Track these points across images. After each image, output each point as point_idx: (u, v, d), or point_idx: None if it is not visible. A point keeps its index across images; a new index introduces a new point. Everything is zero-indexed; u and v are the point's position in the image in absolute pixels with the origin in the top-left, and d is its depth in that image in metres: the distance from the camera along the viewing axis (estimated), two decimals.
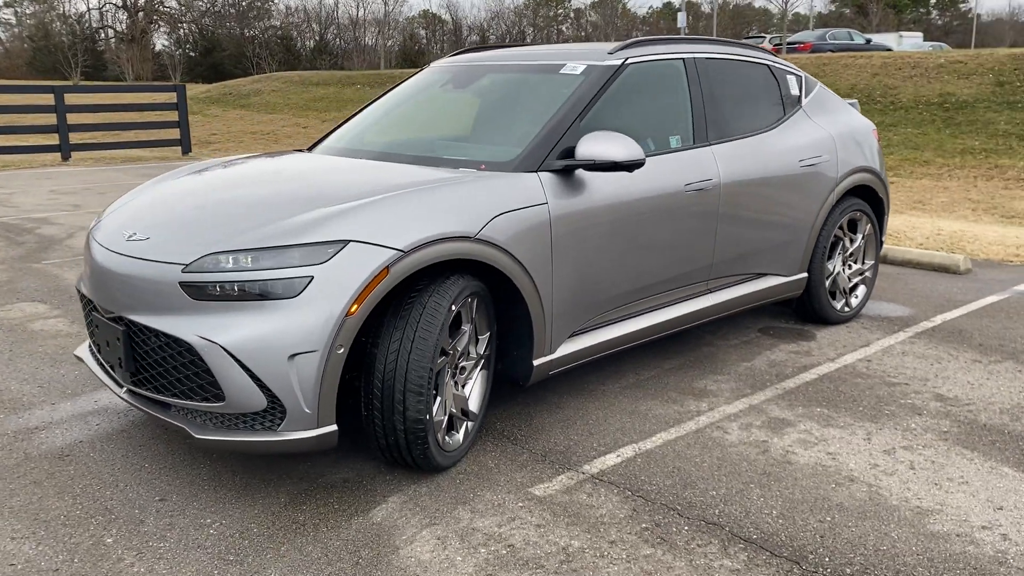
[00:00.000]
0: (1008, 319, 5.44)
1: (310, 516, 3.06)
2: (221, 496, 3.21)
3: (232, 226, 3.23)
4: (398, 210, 3.20)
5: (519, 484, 3.28)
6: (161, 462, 3.49)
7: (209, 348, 2.97)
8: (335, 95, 28.52)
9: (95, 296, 3.44)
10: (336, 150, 4.37)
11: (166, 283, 3.10)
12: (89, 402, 4.12)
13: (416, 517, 3.04)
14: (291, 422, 3.00)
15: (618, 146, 3.56)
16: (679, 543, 2.86)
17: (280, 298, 2.96)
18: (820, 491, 3.21)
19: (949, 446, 3.59)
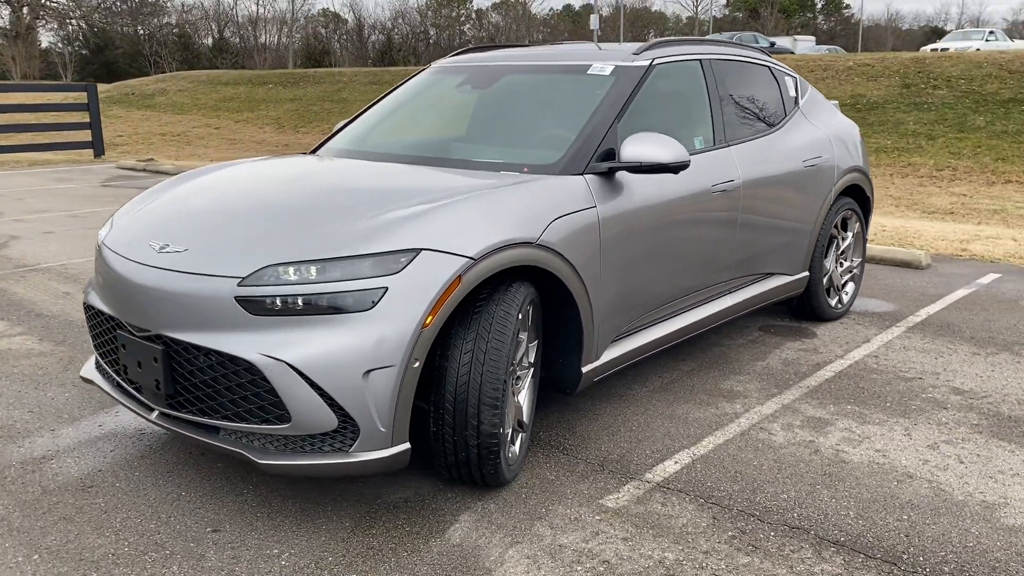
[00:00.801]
0: (985, 312, 5.65)
1: (384, 540, 2.90)
2: (279, 523, 3.02)
3: (285, 235, 3.04)
4: (464, 216, 3.07)
5: (587, 496, 3.19)
6: (198, 489, 3.26)
7: (274, 367, 2.78)
8: (247, 95, 27.69)
9: (122, 313, 3.18)
10: (358, 153, 4.18)
11: (218, 298, 2.89)
12: (92, 427, 3.82)
13: (496, 536, 2.92)
14: (364, 442, 2.83)
15: (664, 148, 3.51)
16: (772, 550, 2.83)
17: (352, 311, 2.79)
18: (885, 489, 3.24)
19: (986, 439, 3.68)
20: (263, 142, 21.74)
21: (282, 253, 2.92)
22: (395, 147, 4.18)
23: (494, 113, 4.19)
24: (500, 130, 4.07)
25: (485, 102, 4.26)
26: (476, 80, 4.34)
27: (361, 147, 4.28)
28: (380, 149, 4.17)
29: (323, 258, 2.86)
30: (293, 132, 22.93)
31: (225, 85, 29.55)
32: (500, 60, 4.44)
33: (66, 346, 4.93)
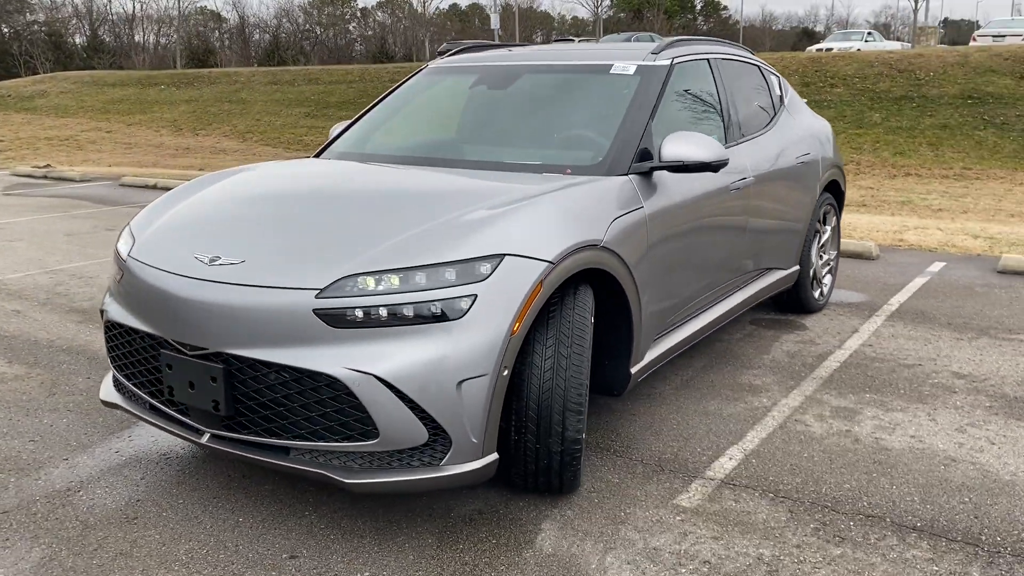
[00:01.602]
0: (950, 299, 5.95)
1: (475, 554, 2.82)
2: (358, 544, 2.88)
3: (356, 244, 2.90)
4: (539, 220, 3.01)
5: (659, 497, 3.18)
6: (254, 513, 3.08)
7: (362, 381, 2.65)
8: (137, 97, 26.48)
9: (167, 331, 2.97)
10: (383, 157, 4.05)
11: (294, 312, 2.74)
12: (109, 454, 3.56)
13: (587, 543, 2.88)
14: (456, 454, 2.74)
15: (703, 147, 3.54)
16: (858, 539, 2.89)
17: (442, 320, 2.69)
18: (935, 474, 3.35)
19: (1004, 420, 3.87)
20: (161, 146, 20.85)
21: (359, 262, 2.79)
22: (423, 150, 4.07)
23: (519, 114, 4.12)
24: (530, 131, 4.00)
25: (507, 103, 4.18)
26: (492, 80, 4.27)
27: (384, 151, 4.15)
28: (407, 153, 4.05)
29: (406, 266, 2.75)
30: (192, 135, 22.08)
31: (112, 86, 28.17)
32: (513, 60, 4.38)
33: (41, 368, 4.59)
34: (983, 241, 8.21)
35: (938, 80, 17.98)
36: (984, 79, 17.61)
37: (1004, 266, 6.82)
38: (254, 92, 24.78)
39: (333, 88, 23.85)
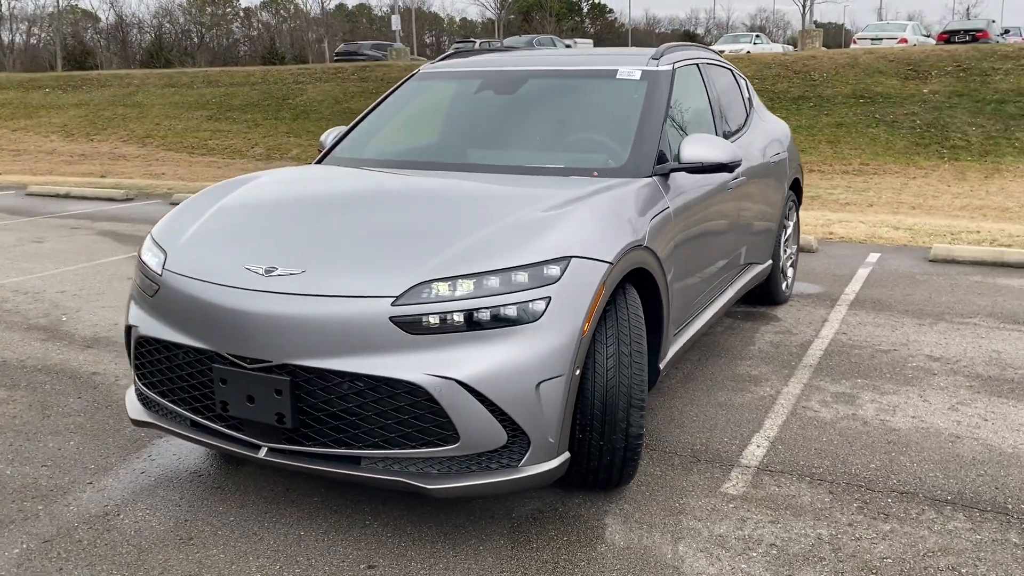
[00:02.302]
0: (897, 287, 6.33)
1: (552, 553, 2.87)
2: (431, 550, 2.89)
3: (419, 250, 2.91)
4: (596, 222, 3.09)
5: (706, 487, 3.31)
6: (315, 525, 3.05)
7: (444, 386, 2.67)
8: (20, 100, 25.07)
9: (222, 345, 2.90)
10: (400, 163, 4.04)
11: (370, 320, 2.73)
12: (134, 475, 3.44)
13: (655, 535, 2.97)
14: (534, 455, 2.79)
15: (720, 148, 3.69)
16: (901, 515, 3.09)
17: (519, 323, 2.74)
18: (946, 450, 3.60)
19: (987, 397, 4.17)
20: (54, 152, 19.87)
21: (430, 268, 2.80)
22: (440, 155, 4.08)
23: (532, 118, 4.17)
24: (545, 135, 4.06)
25: (518, 107, 4.23)
26: (498, 85, 4.30)
27: (397, 156, 4.14)
28: (423, 158, 4.06)
29: (478, 271, 2.78)
30: (86, 140, 21.11)
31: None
32: (515, 65, 4.43)
33: (23, 390, 4.36)
34: (904, 232, 8.74)
35: (831, 81, 18.94)
36: (873, 80, 18.65)
37: (935, 255, 7.30)
38: (150, 95, 23.85)
39: (235, 90, 23.20)
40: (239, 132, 20.44)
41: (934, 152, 15.89)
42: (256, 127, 20.78)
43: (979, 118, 16.60)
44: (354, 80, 22.47)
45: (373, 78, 22.25)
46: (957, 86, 17.72)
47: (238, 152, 19.31)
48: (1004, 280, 6.55)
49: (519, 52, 4.82)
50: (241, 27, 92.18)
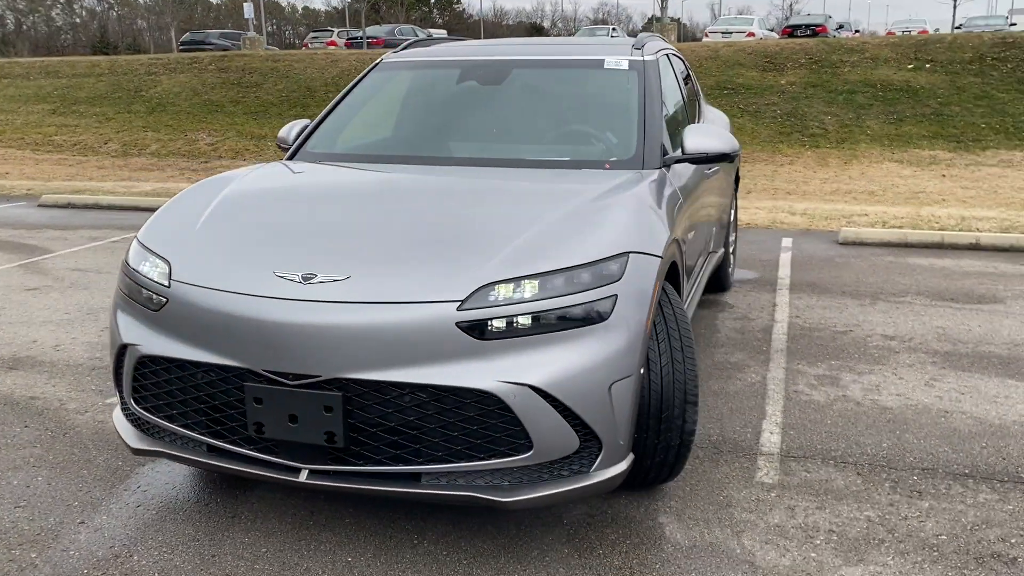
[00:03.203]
0: (824, 270, 6.61)
1: (623, 558, 2.78)
2: (497, 565, 2.74)
3: (469, 249, 2.75)
4: (640, 216, 3.00)
5: (740, 478, 3.31)
6: (359, 548, 2.83)
7: (517, 393, 2.53)
8: None
9: (260, 361, 2.64)
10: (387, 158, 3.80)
11: (434, 327, 2.55)
12: (130, 508, 3.10)
13: (715, 530, 2.94)
14: (605, 459, 2.69)
15: (722, 139, 3.70)
16: (933, 491, 3.20)
17: (587, 324, 2.63)
18: (942, 425, 3.76)
19: (954, 372, 4.40)
20: None
21: (491, 270, 2.64)
22: (436, 149, 3.86)
23: (526, 110, 4.03)
24: (544, 127, 3.93)
25: (507, 99, 4.07)
26: (482, 76, 4.13)
27: (386, 151, 3.91)
28: (419, 152, 3.84)
29: (541, 272, 2.65)
30: None
31: None
32: (494, 55, 4.27)
33: None
34: (801, 217, 9.16)
35: (696, 73, 19.62)
36: (734, 72, 19.48)
37: (845, 238, 7.67)
38: (24, 87, 21.82)
39: (79, 82, 21.58)
40: (89, 127, 19.03)
41: (796, 140, 16.76)
42: (108, 121, 19.41)
43: (833, 107, 17.64)
44: (212, 71, 21.38)
45: (234, 68, 21.24)
46: (811, 77, 18.77)
47: (90, 148, 17.97)
48: (914, 260, 6.96)
49: (489, 42, 4.67)
50: (63, 14, 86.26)
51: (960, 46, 19.02)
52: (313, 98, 19.50)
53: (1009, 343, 4.84)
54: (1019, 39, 19.13)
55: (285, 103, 19.28)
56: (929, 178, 13.58)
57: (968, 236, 7.45)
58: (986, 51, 18.70)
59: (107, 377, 4.39)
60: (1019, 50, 18.56)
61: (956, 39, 19.69)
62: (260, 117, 18.70)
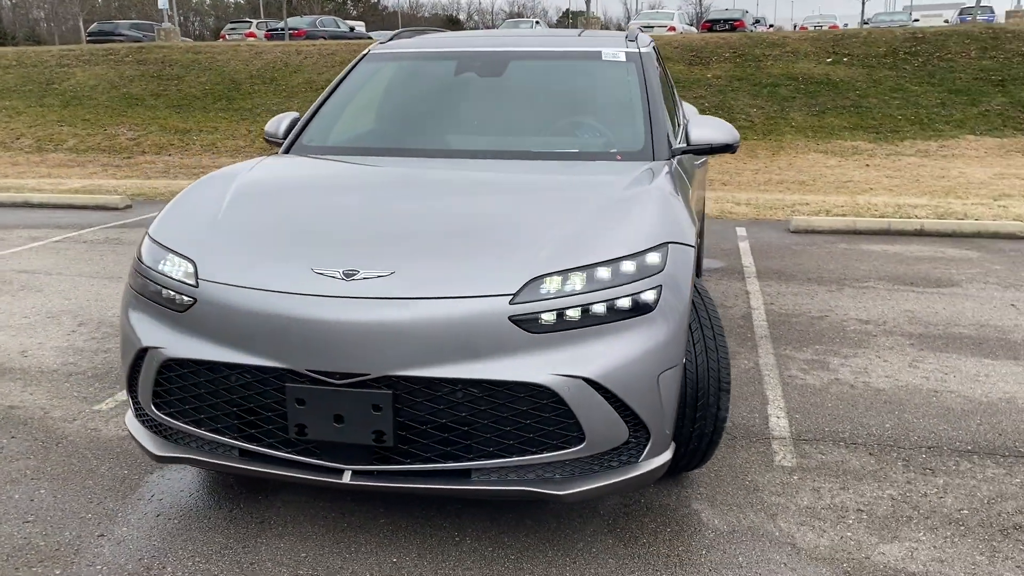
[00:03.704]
0: (784, 258, 6.79)
1: (669, 546, 2.80)
2: (546, 559, 2.73)
3: (513, 242, 2.72)
4: (670, 207, 3.02)
5: (759, 463, 3.37)
6: (403, 549, 2.78)
7: (571, 386, 2.53)
8: None
9: (303, 361, 2.56)
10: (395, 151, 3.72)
11: (487, 321, 2.52)
12: (150, 518, 2.97)
13: (750, 514, 2.99)
14: (652, 449, 2.70)
15: (725, 130, 3.75)
16: (943, 468, 3.32)
17: (634, 314, 2.63)
18: (936, 404, 3.91)
19: (933, 353, 4.58)
20: None
21: (539, 263, 2.62)
22: (445, 143, 3.79)
23: (529, 101, 3.99)
24: (549, 118, 3.90)
25: (509, 90, 4.02)
26: (481, 68, 4.08)
27: (391, 144, 3.82)
28: (421, 145, 3.76)
29: (586, 264, 2.64)
30: None
31: None
32: (489, 46, 4.22)
33: None
34: (747, 207, 9.38)
35: None
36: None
37: (796, 227, 7.89)
38: None
39: None
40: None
41: None
42: (18, 115, 18.50)
43: (758, 100, 18.10)
44: (130, 63, 20.59)
45: (152, 60, 20.51)
46: (736, 71, 19.21)
47: (0, 144, 17.12)
48: (867, 246, 7.21)
49: (477, 34, 4.63)
50: None
51: (874, 41, 19.75)
52: (239, 91, 19.01)
53: (975, 324, 5.06)
54: (928, 35, 19.99)
55: (209, 96, 18.73)
56: (854, 168, 14.05)
57: (913, 223, 7.75)
58: (899, 46, 19.46)
59: (86, 383, 4.20)
60: (928, 45, 19.39)
61: (871, 34, 20.45)
62: (183, 111, 18.12)
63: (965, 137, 15.90)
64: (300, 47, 21.46)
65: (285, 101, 18.47)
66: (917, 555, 2.74)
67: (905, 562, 2.71)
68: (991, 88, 17.51)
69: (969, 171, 13.11)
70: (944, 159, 14.48)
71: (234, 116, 17.92)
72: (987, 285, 5.92)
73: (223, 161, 14.76)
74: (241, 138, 16.72)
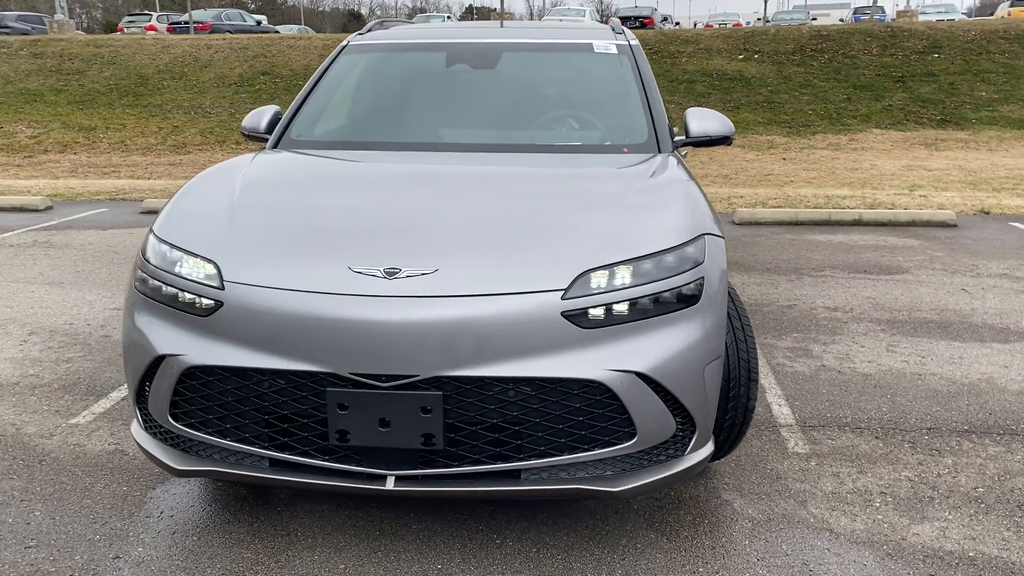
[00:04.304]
0: (739, 249, 6.92)
1: (711, 538, 2.80)
2: (593, 557, 2.69)
3: (554, 236, 2.67)
4: (696, 198, 3.01)
5: (774, 450, 3.41)
6: (445, 555, 2.69)
7: (625, 381, 2.49)
8: None
9: (347, 364, 2.44)
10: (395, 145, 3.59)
11: (540, 317, 2.46)
12: (161, 536, 2.80)
13: (780, 502, 3.02)
14: (697, 441, 2.69)
15: (721, 122, 3.78)
16: (948, 448, 3.42)
17: (679, 307, 2.62)
18: (922, 387, 4.04)
19: (905, 338, 4.73)
20: None
21: (587, 257, 2.57)
22: (447, 136, 3.68)
23: (526, 94, 3.91)
24: (550, 111, 3.84)
25: (505, 83, 3.94)
26: (472, 60, 3.99)
27: (388, 138, 3.68)
28: (420, 139, 3.66)
29: (631, 258, 2.61)
30: None
31: None
32: (475, 37, 4.14)
33: None
34: None
35: None
36: None
37: (741, 219, 8.06)
38: None
39: None
40: None
41: None
42: None
43: (676, 96, 18.43)
44: (25, 56, 19.53)
45: (50, 54, 19.50)
46: (653, 67, 19.42)
47: None
48: (812, 236, 7.42)
49: (460, 26, 4.54)
50: None
51: (782, 38, 20.40)
52: (146, 86, 18.27)
53: (935, 308, 5.26)
54: (833, 32, 20.78)
55: (115, 92, 17.93)
56: (772, 161, 14.46)
57: (852, 213, 8.02)
58: (805, 43, 20.16)
59: (54, 395, 3.94)
60: (833, 42, 20.15)
61: (778, 32, 21.09)
62: (87, 107, 17.30)
63: (872, 131, 16.58)
64: (210, 41, 20.76)
65: (197, 97, 17.86)
66: (949, 534, 2.82)
67: (940, 541, 2.77)
68: (892, 84, 18.32)
69: (880, 163, 13.66)
70: (855, 152, 15.06)
71: (143, 113, 17.22)
72: (935, 271, 6.17)
73: (134, 160, 14.15)
74: (151, 135, 16.07)
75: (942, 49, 19.43)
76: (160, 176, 12.60)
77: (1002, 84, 17.95)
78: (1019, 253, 6.75)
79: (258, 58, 19.57)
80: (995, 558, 2.68)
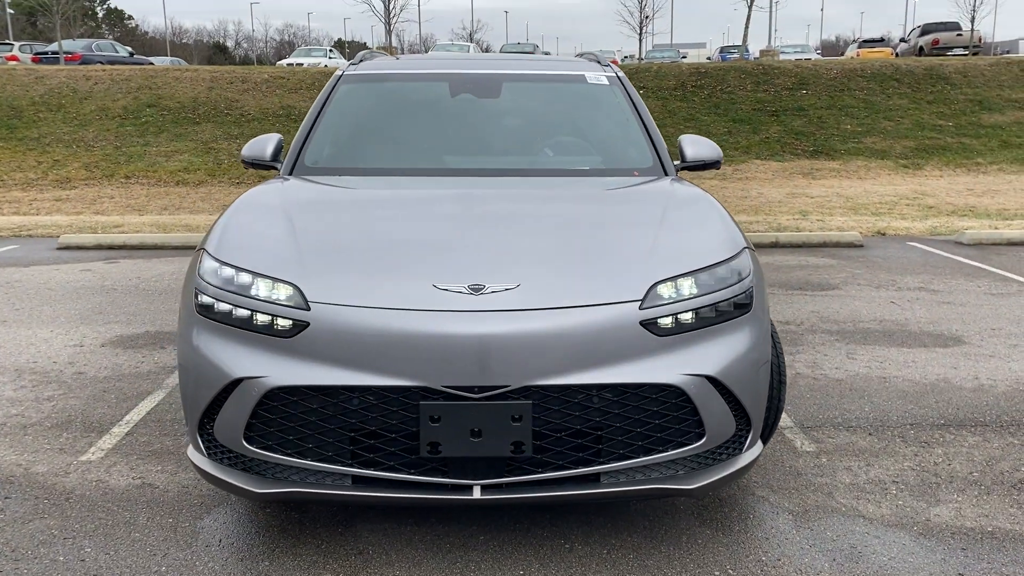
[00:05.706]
0: None
1: (763, 532, 2.99)
2: (661, 556, 2.83)
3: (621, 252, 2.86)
4: (724, 214, 3.24)
5: (785, 450, 3.66)
6: (519, 562, 2.78)
7: (697, 384, 2.68)
8: None
9: (440, 378, 2.52)
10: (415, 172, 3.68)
11: (620, 327, 2.62)
12: (228, 564, 2.76)
13: (809, 496, 3.25)
14: (752, 440, 2.90)
15: (712, 148, 4.06)
16: (934, 440, 3.76)
17: (736, 315, 2.83)
18: (895, 388, 4.40)
19: (862, 346, 5.13)
20: None
21: (655, 271, 2.76)
22: (464, 162, 3.80)
23: (532, 122, 4.07)
24: (556, 138, 4.01)
25: (507, 111, 4.08)
26: (475, 89, 4.12)
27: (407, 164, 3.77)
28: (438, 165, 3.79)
29: (690, 270, 2.81)
30: None
31: None
32: (474, 68, 4.28)
33: None
34: None
35: None
36: None
37: None
38: None
39: None
40: None
41: None
42: None
43: None
44: None
45: None
46: None
47: None
48: None
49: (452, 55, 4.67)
50: None
51: (665, 75, 21.37)
52: (21, 119, 17.36)
53: (875, 320, 5.71)
54: (710, 69, 21.95)
55: None
56: None
57: (769, 236, 8.56)
58: (686, 79, 21.19)
59: (50, 434, 3.77)
60: (711, 79, 21.27)
61: (661, 68, 22.09)
62: None
63: (753, 161, 17.57)
64: (89, 72, 19.91)
65: (78, 130, 17.10)
66: (964, 513, 3.12)
67: (960, 520, 3.07)
68: (768, 118, 19.48)
69: (765, 191, 14.50)
70: (741, 181, 15.92)
71: (19, 146, 16.34)
72: (861, 287, 6.68)
73: (14, 195, 13.42)
74: (30, 170, 15.27)
75: (809, 85, 20.84)
76: (49, 212, 12.03)
77: (864, 118, 19.41)
78: (926, 269, 7.40)
79: (142, 90, 18.92)
80: (1011, 531, 2.99)
